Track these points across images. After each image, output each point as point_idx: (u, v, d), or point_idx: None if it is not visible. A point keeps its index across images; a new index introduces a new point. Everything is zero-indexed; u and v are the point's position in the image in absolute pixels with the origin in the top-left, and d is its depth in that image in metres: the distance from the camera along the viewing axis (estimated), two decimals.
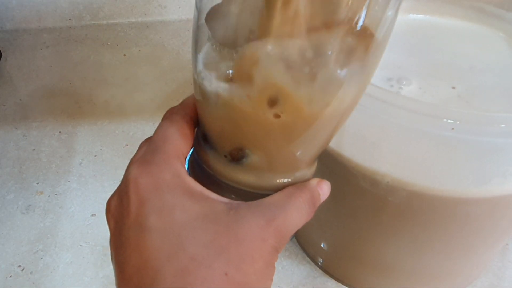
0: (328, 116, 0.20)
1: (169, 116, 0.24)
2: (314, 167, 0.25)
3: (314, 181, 0.24)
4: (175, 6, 0.81)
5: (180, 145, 0.22)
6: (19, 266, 0.46)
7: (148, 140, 0.23)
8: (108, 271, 0.45)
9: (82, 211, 0.51)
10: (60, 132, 0.61)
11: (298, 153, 0.22)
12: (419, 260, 0.36)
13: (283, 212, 0.21)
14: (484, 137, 0.26)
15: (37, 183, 0.54)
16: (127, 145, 0.58)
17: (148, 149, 0.22)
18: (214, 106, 0.21)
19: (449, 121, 0.25)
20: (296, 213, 0.21)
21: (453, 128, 0.25)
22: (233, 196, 0.23)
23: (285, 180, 0.23)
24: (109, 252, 0.50)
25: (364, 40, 0.19)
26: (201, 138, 0.24)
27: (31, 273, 0.45)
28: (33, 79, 0.70)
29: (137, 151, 0.23)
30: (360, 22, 0.18)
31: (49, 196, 0.52)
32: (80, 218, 0.50)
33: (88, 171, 0.55)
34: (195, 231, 0.19)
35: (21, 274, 0.45)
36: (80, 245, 0.47)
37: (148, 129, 0.61)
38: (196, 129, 0.24)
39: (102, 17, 0.81)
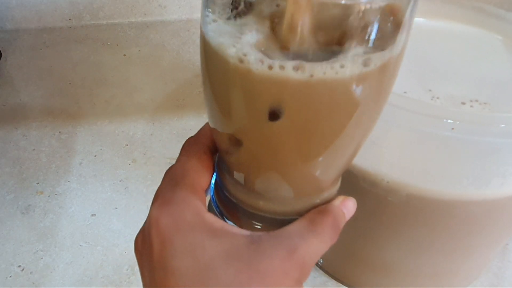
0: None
1: (187, 147, 0.24)
2: (339, 182, 0.24)
3: (338, 201, 0.23)
4: (175, 6, 0.81)
5: (198, 179, 0.22)
6: (19, 266, 0.46)
7: (170, 171, 0.23)
8: (108, 271, 0.45)
9: (82, 211, 0.51)
10: (60, 132, 0.61)
11: (316, 171, 0.21)
12: (419, 260, 0.36)
13: (304, 242, 0.21)
14: (484, 137, 0.26)
15: (37, 183, 0.54)
16: (127, 145, 0.58)
17: (168, 186, 0.22)
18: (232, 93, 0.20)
19: (449, 121, 0.25)
20: (318, 240, 0.21)
21: (453, 128, 0.25)
22: (255, 223, 0.23)
23: (309, 203, 0.23)
24: (108, 252, 0.50)
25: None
26: (221, 164, 0.24)
27: (31, 273, 0.45)
28: (33, 79, 0.70)
29: (161, 182, 0.23)
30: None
31: (49, 196, 0.52)
32: (80, 218, 0.50)
33: (88, 171, 0.55)
34: (217, 270, 0.19)
35: (21, 274, 0.45)
36: (80, 245, 0.47)
37: (148, 129, 0.61)
38: (217, 155, 0.24)
39: (102, 17, 0.81)
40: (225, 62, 0.18)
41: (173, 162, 0.24)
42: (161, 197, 0.22)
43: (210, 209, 0.25)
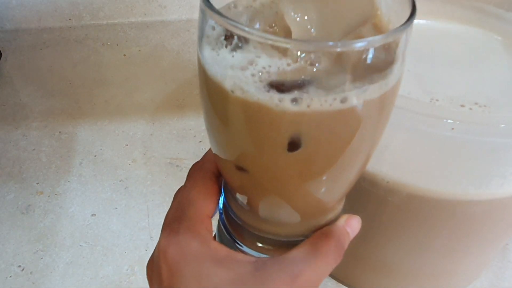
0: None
1: (192, 173, 0.24)
2: (344, 200, 0.24)
3: (342, 220, 0.23)
4: (175, 6, 0.81)
5: (204, 207, 0.23)
6: (19, 266, 0.46)
7: (177, 197, 0.24)
8: (108, 271, 0.45)
9: (82, 211, 0.51)
10: (60, 132, 0.61)
11: (323, 195, 0.22)
12: (419, 260, 0.36)
13: (308, 266, 0.21)
14: (484, 137, 0.26)
15: (37, 183, 0.54)
16: (127, 145, 0.58)
17: (175, 215, 0.23)
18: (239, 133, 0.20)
19: (449, 121, 0.25)
20: (322, 263, 0.21)
21: (453, 128, 0.25)
22: (261, 245, 0.23)
23: (315, 224, 0.23)
24: (108, 252, 0.50)
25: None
26: (227, 186, 0.24)
27: (31, 273, 0.45)
28: (33, 79, 0.70)
29: (169, 209, 0.24)
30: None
31: (49, 196, 0.52)
32: (80, 218, 0.50)
33: (88, 171, 0.55)
34: None
35: (21, 274, 0.45)
36: (80, 245, 0.47)
37: (148, 129, 0.61)
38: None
39: (102, 17, 0.81)
40: (225, 94, 0.18)
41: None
42: (168, 227, 0.22)
43: (219, 227, 0.26)
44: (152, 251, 0.23)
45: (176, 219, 0.22)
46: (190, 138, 0.59)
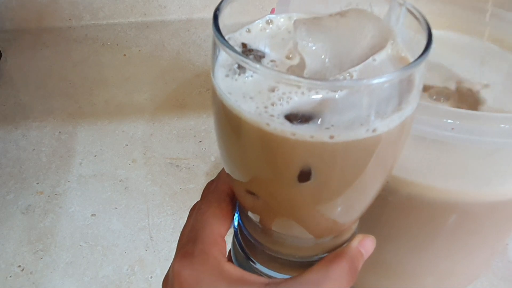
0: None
1: (207, 194, 0.24)
2: (358, 219, 0.24)
3: (356, 241, 0.23)
4: (175, 6, 0.81)
5: (218, 228, 0.23)
6: (19, 266, 0.46)
7: (194, 211, 0.24)
8: (108, 271, 0.45)
9: (82, 211, 0.51)
10: (60, 132, 0.61)
11: (337, 218, 0.22)
12: (419, 260, 0.36)
13: None
14: (484, 137, 0.26)
15: (37, 183, 0.54)
16: (127, 145, 0.58)
17: (189, 237, 0.23)
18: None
19: (449, 121, 0.25)
20: (335, 286, 0.21)
21: (453, 128, 0.25)
22: (274, 264, 0.23)
23: (328, 245, 0.23)
24: (108, 252, 0.50)
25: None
26: (241, 206, 0.24)
27: (31, 273, 0.45)
28: (33, 79, 0.70)
29: (186, 223, 0.24)
30: None
31: (49, 196, 0.52)
32: (80, 218, 0.50)
33: (88, 171, 0.55)
34: None
35: (21, 274, 0.45)
36: (80, 245, 0.47)
37: (148, 129, 0.61)
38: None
39: (102, 17, 0.81)
40: (239, 121, 0.18)
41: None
42: (183, 249, 0.23)
43: (234, 245, 0.26)
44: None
45: (190, 241, 0.23)
46: (190, 138, 0.59)
